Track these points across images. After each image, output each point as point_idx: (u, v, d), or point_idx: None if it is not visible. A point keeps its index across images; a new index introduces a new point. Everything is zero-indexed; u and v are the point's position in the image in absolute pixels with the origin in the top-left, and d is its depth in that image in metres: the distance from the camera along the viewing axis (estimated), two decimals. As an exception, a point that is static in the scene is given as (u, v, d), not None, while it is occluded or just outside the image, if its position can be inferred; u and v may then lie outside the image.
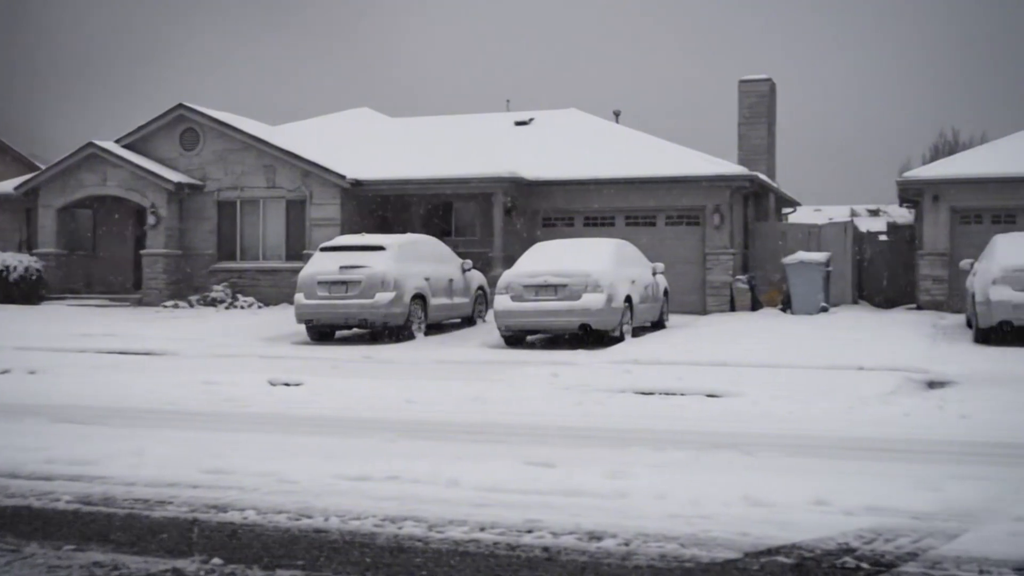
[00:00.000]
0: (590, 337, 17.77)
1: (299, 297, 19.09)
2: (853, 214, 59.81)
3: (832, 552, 5.08)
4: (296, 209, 26.62)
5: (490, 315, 20.18)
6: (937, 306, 24.52)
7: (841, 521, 5.64)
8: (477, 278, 21.97)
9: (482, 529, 5.62)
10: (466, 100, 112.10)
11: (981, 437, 8.68)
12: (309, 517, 5.94)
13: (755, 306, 24.79)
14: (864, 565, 4.89)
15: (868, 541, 5.27)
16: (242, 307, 25.46)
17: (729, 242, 24.96)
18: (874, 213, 63.39)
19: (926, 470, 7.02)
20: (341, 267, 18.89)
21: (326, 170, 26.00)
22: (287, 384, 12.68)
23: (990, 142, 30.02)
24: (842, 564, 4.90)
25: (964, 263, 20.16)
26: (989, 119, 79.14)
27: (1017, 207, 24.50)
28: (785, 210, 33.14)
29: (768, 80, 29.16)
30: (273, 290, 26.08)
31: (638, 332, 19.21)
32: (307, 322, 19.16)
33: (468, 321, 21.45)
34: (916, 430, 9.08)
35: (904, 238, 27.62)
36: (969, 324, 18.92)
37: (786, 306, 23.64)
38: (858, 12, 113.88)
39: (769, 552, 5.10)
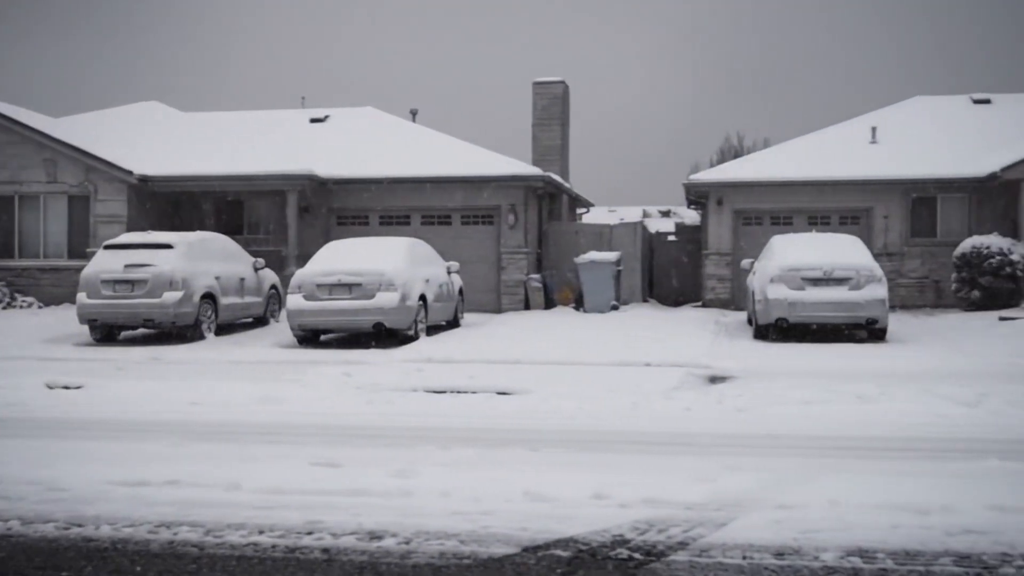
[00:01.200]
0: (384, 336, 17.73)
1: (81, 296, 18.36)
2: (645, 215, 61.63)
3: (607, 544, 5.22)
4: (80, 205, 25.55)
5: (284, 315, 19.89)
6: (722, 304, 25.52)
7: (618, 514, 5.80)
8: (270, 277, 21.60)
9: (261, 532, 5.53)
10: (261, 96, 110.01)
11: (755, 430, 9.08)
12: (79, 526, 5.72)
13: (549, 305, 25.22)
14: (636, 555, 5.03)
15: (642, 532, 5.43)
16: (21, 307, 24.30)
17: (523, 241, 25.32)
18: (665, 214, 65.46)
19: (702, 462, 7.27)
20: (126, 265, 18.26)
21: (112, 165, 25.06)
22: (66, 387, 12.17)
23: (772, 147, 31.36)
24: (616, 555, 5.04)
25: (745, 263, 21.04)
26: (772, 125, 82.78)
27: (794, 209, 25.74)
28: (579, 210, 33.82)
29: (561, 82, 29.69)
30: (55, 289, 24.98)
31: (433, 331, 19.27)
32: (90, 322, 18.44)
33: (261, 321, 21.07)
34: (695, 424, 9.42)
35: (691, 238, 28.58)
36: (750, 321, 19.72)
37: (579, 305, 24.14)
38: (651, 19, 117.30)
39: (546, 546, 5.19)
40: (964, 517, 5.63)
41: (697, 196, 26.84)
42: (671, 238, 29.66)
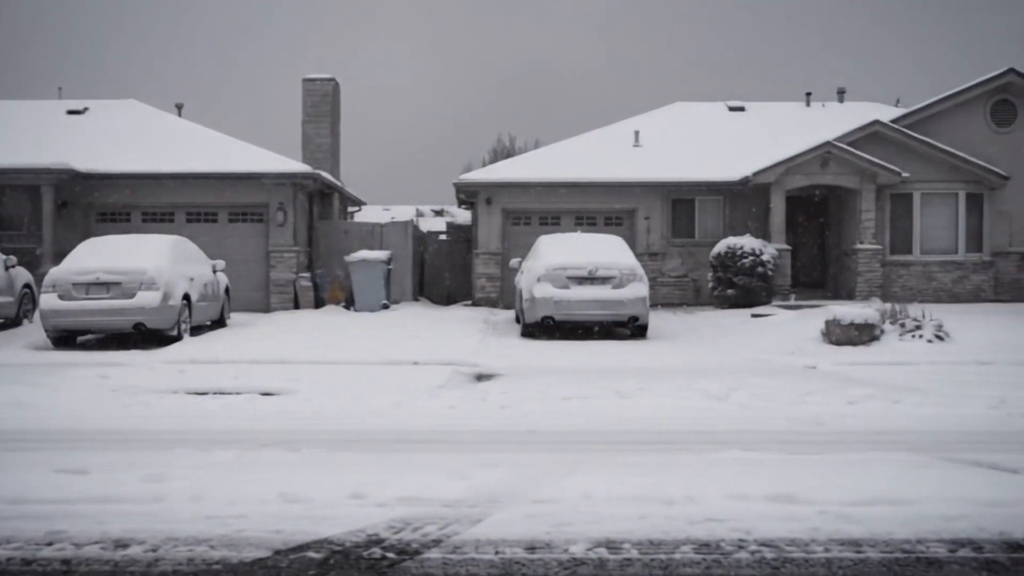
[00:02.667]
0: (146, 337, 17.15)
1: None
2: (419, 214, 61.63)
3: (361, 544, 5.20)
4: None
5: (38, 315, 18.94)
6: (491, 303, 25.87)
7: (375, 513, 5.78)
8: (23, 276, 20.52)
9: (-5, 545, 5.25)
10: (12, 86, 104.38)
11: (516, 426, 9.22)
12: None
13: (319, 304, 24.96)
14: (390, 555, 5.04)
15: (397, 531, 5.43)
16: None
17: (293, 240, 24.97)
18: (439, 213, 65.63)
19: (462, 460, 7.33)
20: None
21: None
22: None
23: (541, 148, 31.94)
24: (369, 555, 5.03)
25: (513, 262, 21.39)
26: (543, 127, 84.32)
27: (562, 210, 26.34)
28: (351, 208, 33.62)
29: (331, 80, 29.41)
30: None
31: (198, 331, 18.78)
32: None
33: (13, 322, 19.99)
34: (458, 421, 9.51)
35: (462, 238, 28.84)
36: (518, 319, 20.07)
37: (349, 303, 24.00)
38: (425, 19, 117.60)
39: (300, 548, 5.13)
40: (706, 506, 5.89)
41: (467, 196, 27.10)
42: (443, 237, 29.85)
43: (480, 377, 13.15)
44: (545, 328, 18.44)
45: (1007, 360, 14.38)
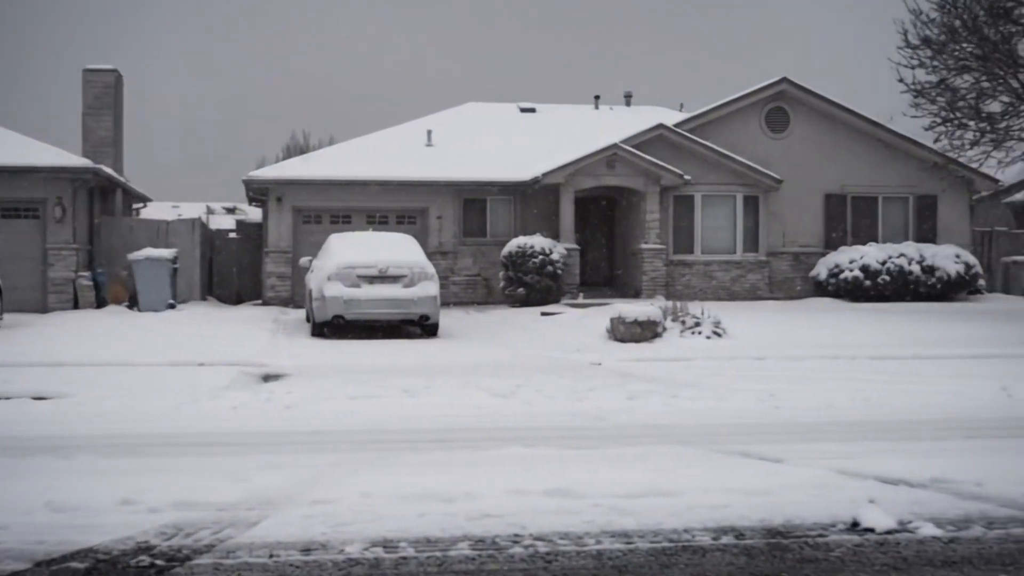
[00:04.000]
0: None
1: None
2: (210, 211, 60.13)
3: (129, 552, 5.03)
4: None
5: None
6: (282, 302, 25.50)
7: (146, 519, 5.61)
8: None
9: None
10: None
11: (300, 426, 9.13)
12: None
13: (101, 304, 24.04)
14: (159, 562, 4.89)
15: (169, 537, 5.29)
16: None
17: (72, 237, 23.99)
18: (231, 211, 64.22)
19: (241, 462, 7.20)
20: None
21: None
22: None
23: (334, 146, 31.71)
24: (137, 563, 4.87)
25: (303, 261, 21.16)
26: (338, 124, 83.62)
27: (354, 208, 26.20)
28: (136, 205, 32.53)
29: (114, 71, 28.34)
30: None
31: (-34, 333, 17.82)
32: None
33: None
34: (241, 423, 9.34)
35: (253, 236, 28.32)
36: (308, 319, 19.85)
37: (133, 303, 23.22)
38: (214, 12, 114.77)
39: (63, 559, 4.92)
40: (485, 502, 5.95)
41: (258, 193, 26.62)
42: (233, 235, 29.26)
43: (267, 378, 12.94)
44: (336, 327, 18.30)
45: (778, 355, 15.08)
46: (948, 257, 25.16)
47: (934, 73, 21.54)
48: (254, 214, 42.55)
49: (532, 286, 23.74)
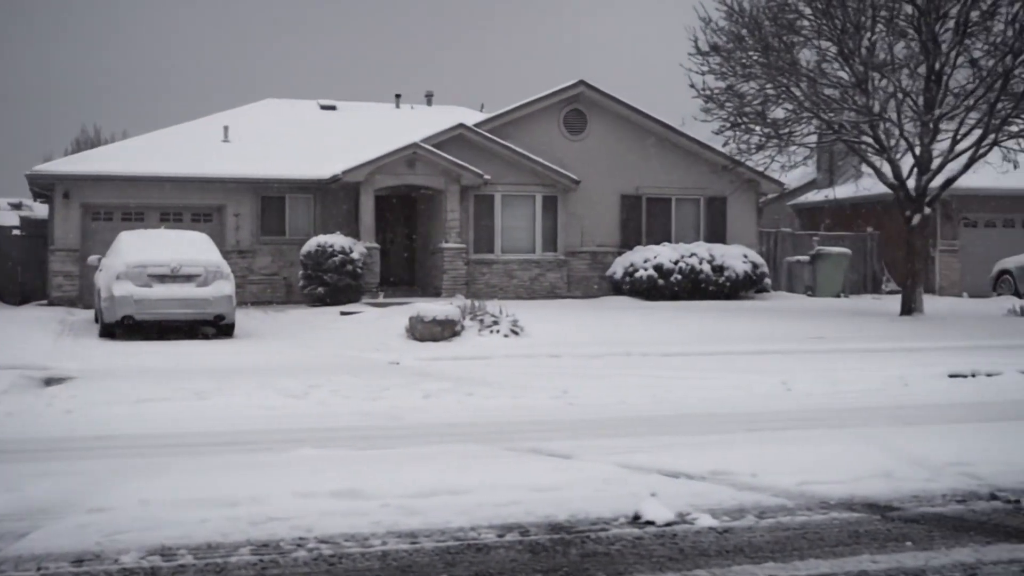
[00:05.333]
0: None
1: None
2: (-8, 207, 57.31)
3: None
4: None
5: None
6: (70, 302, 24.52)
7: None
8: None
9: None
10: None
11: (82, 432, 8.78)
12: None
13: None
14: (-86, 579, 4.62)
15: (-74, 553, 4.99)
16: None
17: None
18: (16, 207, 61.34)
19: (15, 470, 6.86)
20: None
21: None
22: None
23: (126, 140, 30.71)
24: None
25: (92, 259, 20.39)
26: (133, 118, 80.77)
27: (147, 205, 25.56)
28: (-91, 200, 30.72)
29: None
30: None
31: None
32: None
33: None
34: (17, 430, 8.89)
35: (39, 233, 27.16)
36: (97, 319, 19.13)
37: (-96, 304, 21.90)
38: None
39: None
40: (270, 506, 5.84)
41: (43, 189, 25.53)
42: (16, 233, 27.95)
43: (49, 381, 12.37)
44: (126, 328, 17.69)
45: (573, 353, 15.35)
46: (737, 257, 26.20)
47: (722, 79, 22.32)
48: (41, 211, 40.82)
49: (332, 285, 23.52)
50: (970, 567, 4.92)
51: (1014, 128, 21.56)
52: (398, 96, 33.20)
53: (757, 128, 22.64)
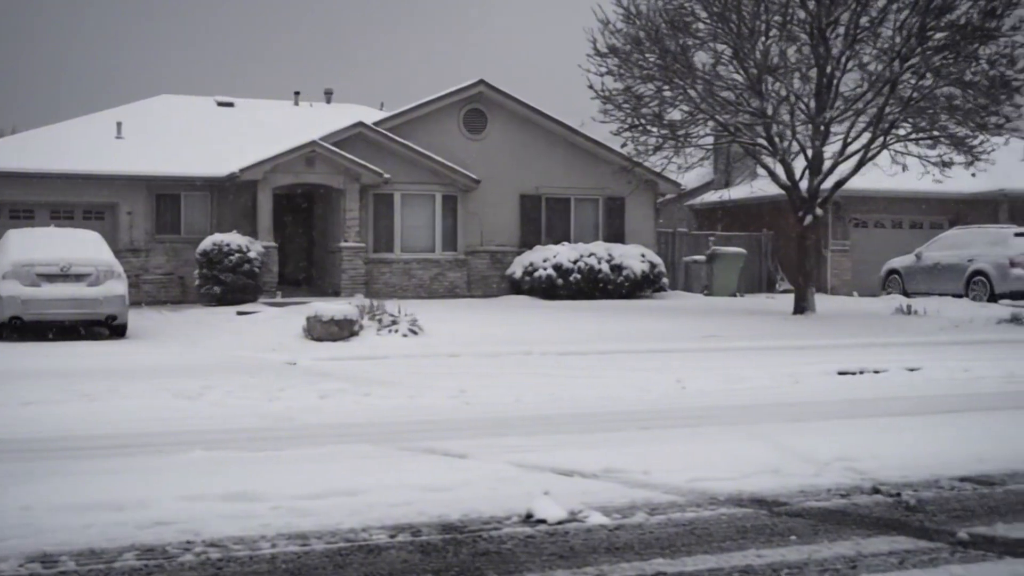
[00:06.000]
0: None
1: None
2: None
3: None
4: None
5: None
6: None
7: None
8: None
9: None
10: None
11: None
12: None
13: None
14: None
15: None
16: None
17: None
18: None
19: None
20: None
21: None
22: None
23: (16, 135, 29.90)
24: None
25: None
26: (24, 112, 78.77)
27: (36, 203, 24.96)
28: None
29: None
30: None
31: None
32: None
33: None
34: None
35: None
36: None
37: None
38: None
39: None
40: (158, 509, 5.74)
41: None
42: None
43: (-70, 384, 11.99)
44: (14, 329, 17.22)
45: (473, 352, 15.36)
46: (635, 256, 26.47)
47: (621, 81, 22.52)
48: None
49: (229, 285, 23.20)
50: (851, 559, 5.04)
51: (902, 131, 22.15)
52: (297, 93, 32.90)
53: (654, 129, 22.89)
